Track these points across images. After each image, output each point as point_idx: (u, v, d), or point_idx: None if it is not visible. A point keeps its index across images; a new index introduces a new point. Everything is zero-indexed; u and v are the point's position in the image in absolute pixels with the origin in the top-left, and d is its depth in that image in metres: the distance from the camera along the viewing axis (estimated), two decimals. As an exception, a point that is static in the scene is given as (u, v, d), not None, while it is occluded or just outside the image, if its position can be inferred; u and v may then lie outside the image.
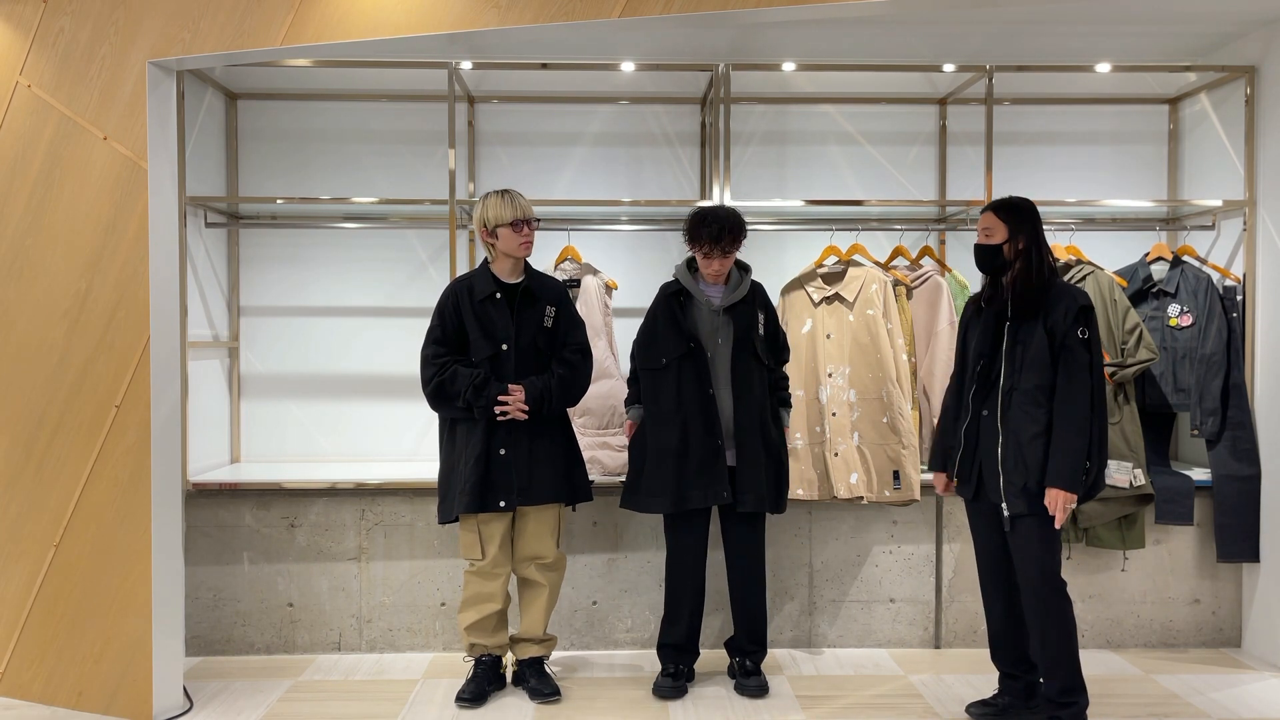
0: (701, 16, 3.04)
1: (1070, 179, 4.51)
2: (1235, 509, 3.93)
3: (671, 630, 3.54)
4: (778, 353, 3.58)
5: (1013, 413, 3.05)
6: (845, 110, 4.52)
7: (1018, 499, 3.03)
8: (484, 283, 3.40)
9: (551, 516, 3.47)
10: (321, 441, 4.50)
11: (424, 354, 3.39)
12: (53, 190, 3.30)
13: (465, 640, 3.49)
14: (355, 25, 3.16)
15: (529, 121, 4.51)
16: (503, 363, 3.36)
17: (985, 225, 3.16)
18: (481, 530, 3.39)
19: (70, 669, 3.33)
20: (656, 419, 3.44)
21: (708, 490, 3.39)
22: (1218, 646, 4.07)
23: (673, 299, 3.48)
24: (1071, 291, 3.08)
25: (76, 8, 3.27)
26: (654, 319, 3.51)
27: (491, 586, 3.43)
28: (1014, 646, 3.21)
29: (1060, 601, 3.05)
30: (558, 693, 3.45)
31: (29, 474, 3.34)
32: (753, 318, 3.47)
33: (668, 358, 3.42)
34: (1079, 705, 3.06)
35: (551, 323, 3.43)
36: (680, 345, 3.42)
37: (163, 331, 3.30)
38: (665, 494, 3.40)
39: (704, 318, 3.46)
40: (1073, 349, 3.00)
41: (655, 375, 3.46)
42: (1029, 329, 3.05)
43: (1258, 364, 3.97)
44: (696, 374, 3.41)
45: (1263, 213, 3.95)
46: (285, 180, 4.46)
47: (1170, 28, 3.99)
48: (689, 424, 3.39)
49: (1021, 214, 3.13)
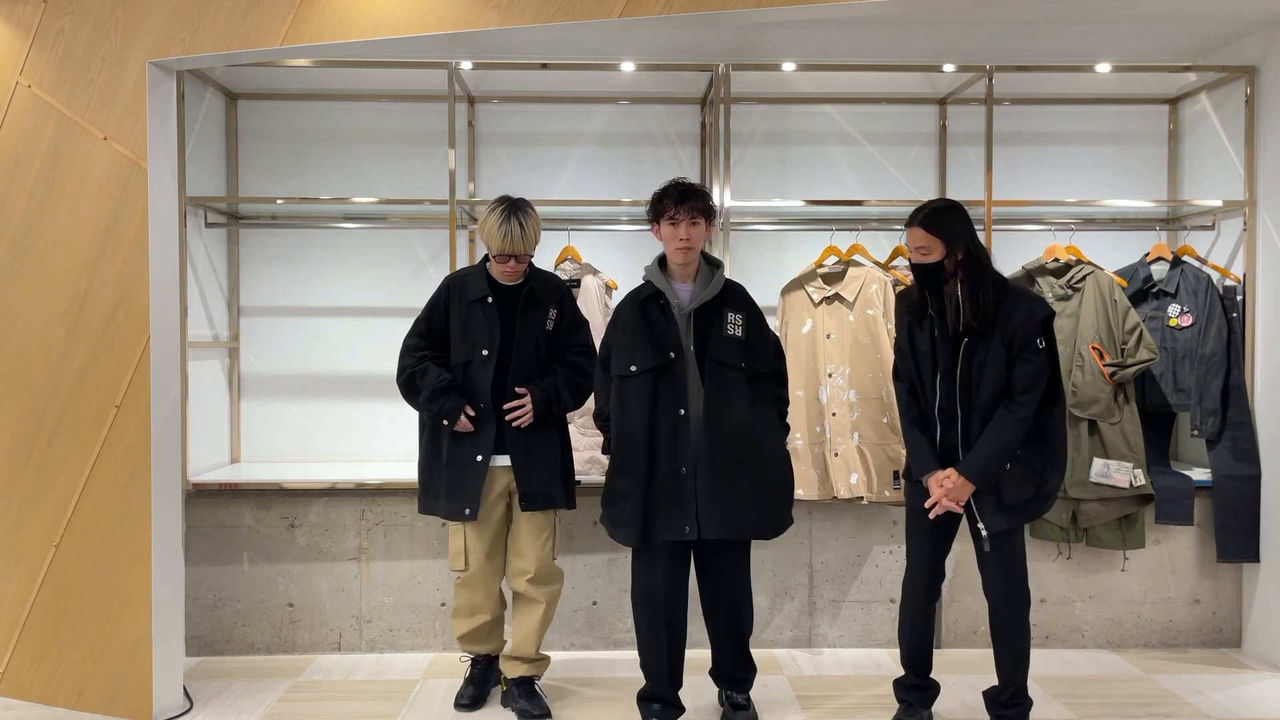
0: (701, 16, 3.04)
1: (1070, 179, 4.51)
2: (1235, 509, 3.93)
3: (650, 682, 3.16)
4: (764, 358, 3.12)
5: (975, 431, 2.98)
6: (845, 110, 4.52)
7: (995, 516, 2.97)
8: (478, 283, 3.29)
9: (539, 528, 3.28)
10: (321, 441, 4.50)
11: (404, 343, 3.31)
12: (53, 190, 3.30)
13: (460, 646, 3.47)
14: (355, 25, 3.16)
15: (529, 121, 4.51)
16: (480, 369, 3.22)
17: (918, 243, 2.93)
18: (467, 539, 3.29)
19: (70, 669, 3.33)
20: (622, 436, 3.07)
21: (672, 522, 3.00)
22: (1218, 646, 4.07)
23: (648, 303, 3.09)
24: (1030, 300, 2.95)
25: (76, 8, 3.27)
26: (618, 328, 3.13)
27: (478, 598, 3.33)
28: (928, 655, 3.22)
29: (1029, 611, 3.06)
30: (547, 714, 3.30)
31: (29, 474, 3.34)
32: (725, 320, 3.08)
33: (639, 366, 3.04)
34: (1027, 704, 3.11)
35: (553, 325, 3.31)
36: (656, 355, 3.03)
37: (163, 331, 3.30)
38: (632, 524, 3.03)
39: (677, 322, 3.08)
40: (1029, 360, 2.91)
41: (624, 384, 3.06)
42: (985, 345, 2.93)
43: (1258, 364, 3.98)
44: (671, 389, 3.02)
45: (1263, 213, 3.95)
46: (285, 180, 4.46)
47: (1170, 28, 3.99)
48: (656, 447, 3.02)
49: (953, 220, 2.94)
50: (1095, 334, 3.90)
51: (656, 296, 3.10)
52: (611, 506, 3.10)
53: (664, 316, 3.07)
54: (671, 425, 3.02)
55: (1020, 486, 2.96)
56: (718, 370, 3.03)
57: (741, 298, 3.16)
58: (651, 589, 3.09)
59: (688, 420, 3.02)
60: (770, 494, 3.08)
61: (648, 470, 3.02)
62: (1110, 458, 3.87)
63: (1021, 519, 2.98)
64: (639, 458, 3.02)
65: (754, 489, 3.04)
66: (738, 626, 3.20)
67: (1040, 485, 2.98)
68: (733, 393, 3.03)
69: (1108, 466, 3.86)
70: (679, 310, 3.07)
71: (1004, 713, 3.11)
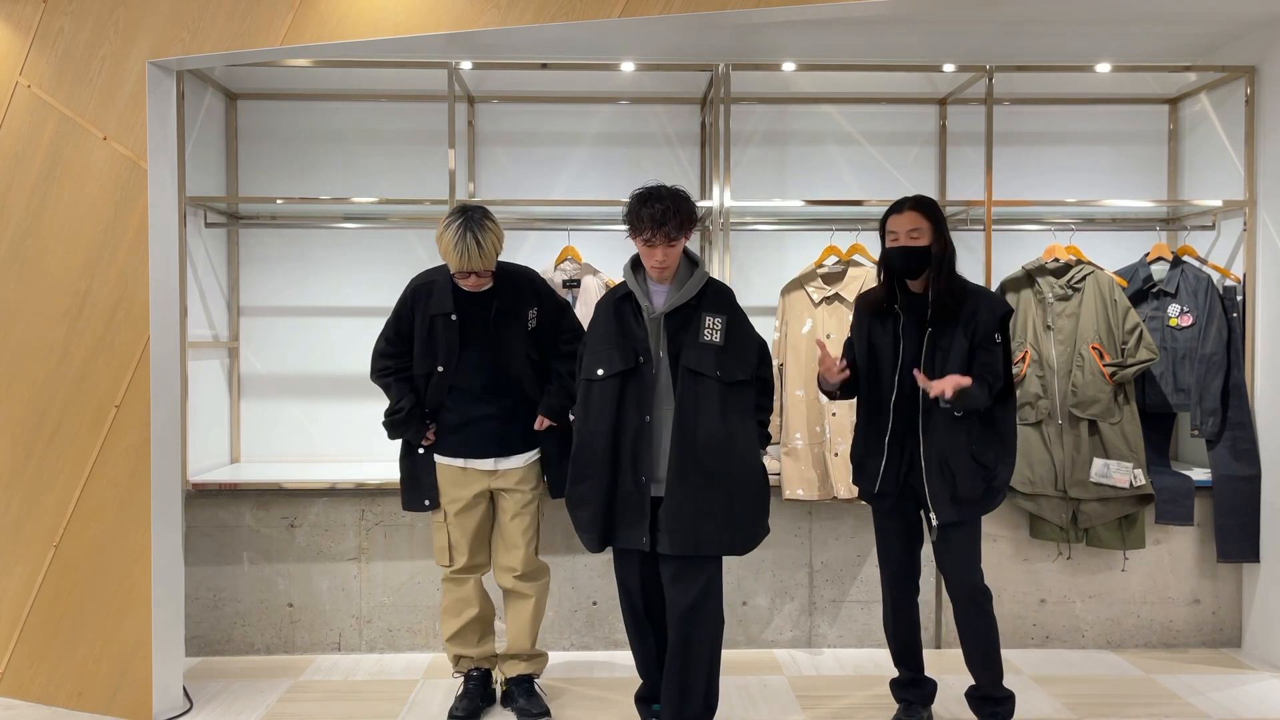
0: (701, 16, 3.04)
1: (1070, 179, 4.51)
2: (1235, 509, 3.93)
3: (646, 683, 3.16)
4: (744, 364, 2.95)
5: (934, 421, 3.00)
6: (845, 110, 4.52)
7: (947, 507, 2.99)
8: (442, 295, 3.23)
9: (524, 526, 3.29)
10: (321, 441, 4.50)
11: (375, 347, 3.34)
12: (53, 190, 3.30)
13: (450, 653, 3.39)
14: (355, 25, 3.16)
15: (529, 121, 4.51)
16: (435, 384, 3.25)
17: (913, 226, 2.97)
18: (451, 535, 3.29)
19: (70, 669, 3.33)
20: (583, 440, 2.98)
21: (633, 530, 2.91)
22: (1218, 646, 4.06)
23: (623, 304, 2.99)
24: (991, 297, 3.06)
25: (76, 8, 3.27)
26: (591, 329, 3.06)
27: (465, 590, 3.33)
28: (917, 650, 3.25)
29: (988, 602, 3.08)
30: (547, 714, 3.30)
31: (29, 474, 3.34)
32: (701, 324, 2.91)
33: (605, 370, 2.93)
34: (1012, 700, 3.13)
35: (535, 323, 3.29)
36: (623, 360, 2.92)
37: (163, 331, 3.30)
38: (592, 531, 2.97)
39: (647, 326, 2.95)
40: (990, 349, 2.97)
41: (589, 388, 2.97)
42: (949, 335, 2.99)
43: (1258, 364, 3.97)
44: (638, 395, 2.90)
45: (1263, 213, 3.95)
46: (285, 180, 4.45)
47: (1170, 28, 3.99)
48: (620, 454, 2.91)
49: (938, 213, 3.03)
50: (1095, 334, 3.90)
51: (630, 298, 2.99)
52: (574, 511, 3.03)
53: (635, 319, 2.95)
54: (635, 432, 2.90)
55: (972, 480, 2.99)
56: (689, 378, 2.88)
57: (723, 300, 2.99)
58: (628, 590, 3.06)
59: (652, 428, 2.90)
60: (740, 508, 2.92)
61: (610, 477, 2.92)
62: (1110, 458, 3.87)
63: (971, 513, 3.03)
64: (601, 464, 2.92)
65: (722, 504, 2.88)
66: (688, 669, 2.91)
67: (990, 480, 3.02)
68: (704, 401, 2.87)
69: (1108, 466, 3.86)
70: (648, 314, 2.94)
71: (994, 710, 3.12)
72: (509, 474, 3.29)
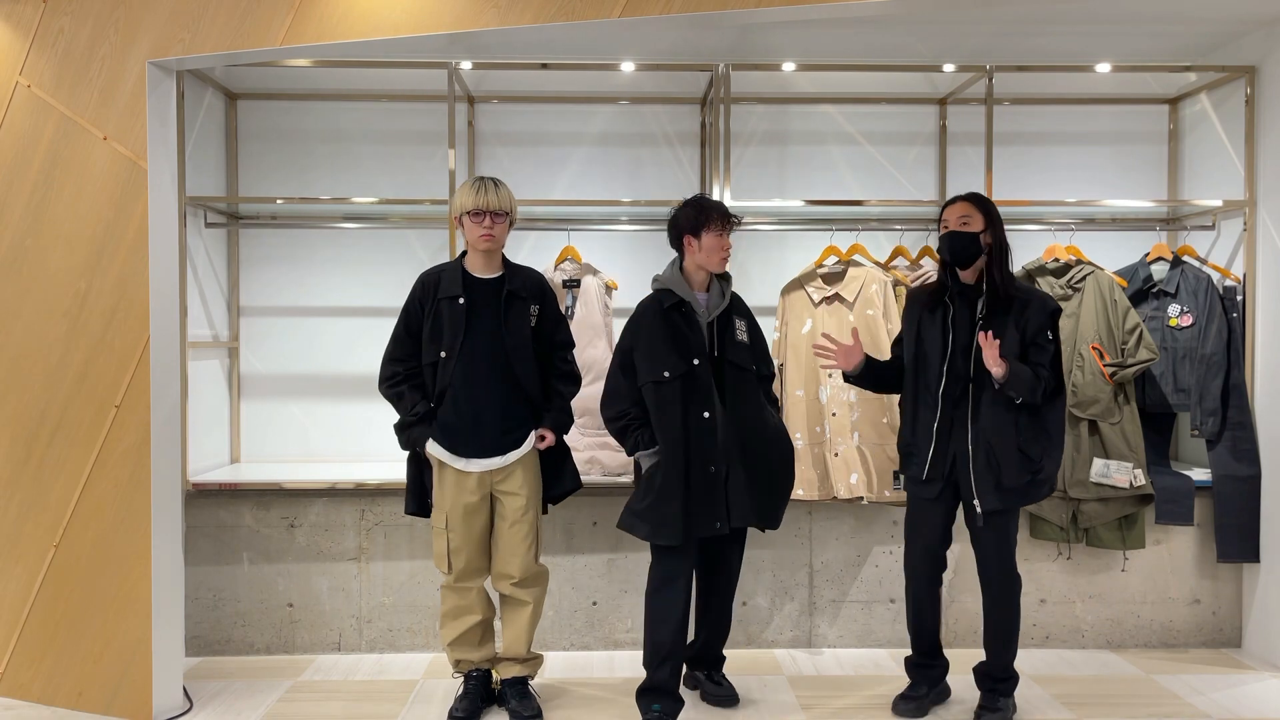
0: (701, 17, 3.05)
1: (1070, 179, 4.51)
2: (1235, 509, 3.93)
3: (657, 671, 3.25)
4: (766, 361, 3.41)
5: (983, 410, 3.11)
6: (845, 110, 4.52)
7: (991, 495, 3.10)
8: (451, 280, 3.26)
9: (523, 533, 3.28)
10: (321, 441, 4.50)
11: (384, 355, 3.33)
12: (53, 190, 3.30)
13: (450, 656, 3.38)
14: (355, 25, 3.16)
15: (529, 121, 4.51)
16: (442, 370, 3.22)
17: (963, 214, 3.16)
18: (450, 541, 3.27)
19: (70, 669, 3.33)
20: (663, 438, 3.20)
21: (704, 520, 3.19)
22: (1218, 646, 4.07)
23: (671, 312, 3.25)
24: (1041, 294, 3.18)
25: (76, 8, 3.27)
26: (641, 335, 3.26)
27: (466, 599, 3.31)
28: (933, 635, 3.34)
29: (1019, 588, 3.23)
30: (539, 715, 3.30)
31: (29, 474, 3.34)
32: (735, 326, 3.31)
33: (671, 373, 3.19)
34: (1016, 678, 3.30)
35: (536, 321, 3.31)
36: (685, 361, 3.20)
37: (162, 331, 3.30)
38: (676, 524, 3.15)
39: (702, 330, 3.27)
40: (1043, 347, 3.10)
41: (658, 389, 3.20)
42: (999, 326, 3.09)
43: (1258, 364, 3.97)
44: (696, 392, 3.19)
45: (1263, 213, 3.95)
46: (285, 180, 4.45)
47: (1170, 28, 3.99)
48: (690, 448, 3.18)
49: (992, 208, 3.18)
50: (1095, 334, 3.90)
51: (680, 305, 3.25)
52: (659, 508, 3.17)
53: (688, 324, 3.24)
54: (700, 427, 3.19)
55: (1018, 471, 3.09)
56: (736, 373, 3.26)
57: (743, 306, 3.41)
58: (683, 583, 3.25)
59: (713, 421, 3.20)
60: (781, 486, 3.33)
61: (684, 471, 3.18)
62: (1110, 458, 3.87)
63: (1016, 501, 3.14)
64: (679, 460, 3.18)
65: (771, 481, 3.29)
66: (730, 605, 3.50)
67: (1036, 472, 3.12)
68: (749, 393, 3.28)
69: (1108, 466, 3.86)
70: (702, 318, 3.26)
71: (995, 686, 3.26)
72: (510, 475, 3.28)
